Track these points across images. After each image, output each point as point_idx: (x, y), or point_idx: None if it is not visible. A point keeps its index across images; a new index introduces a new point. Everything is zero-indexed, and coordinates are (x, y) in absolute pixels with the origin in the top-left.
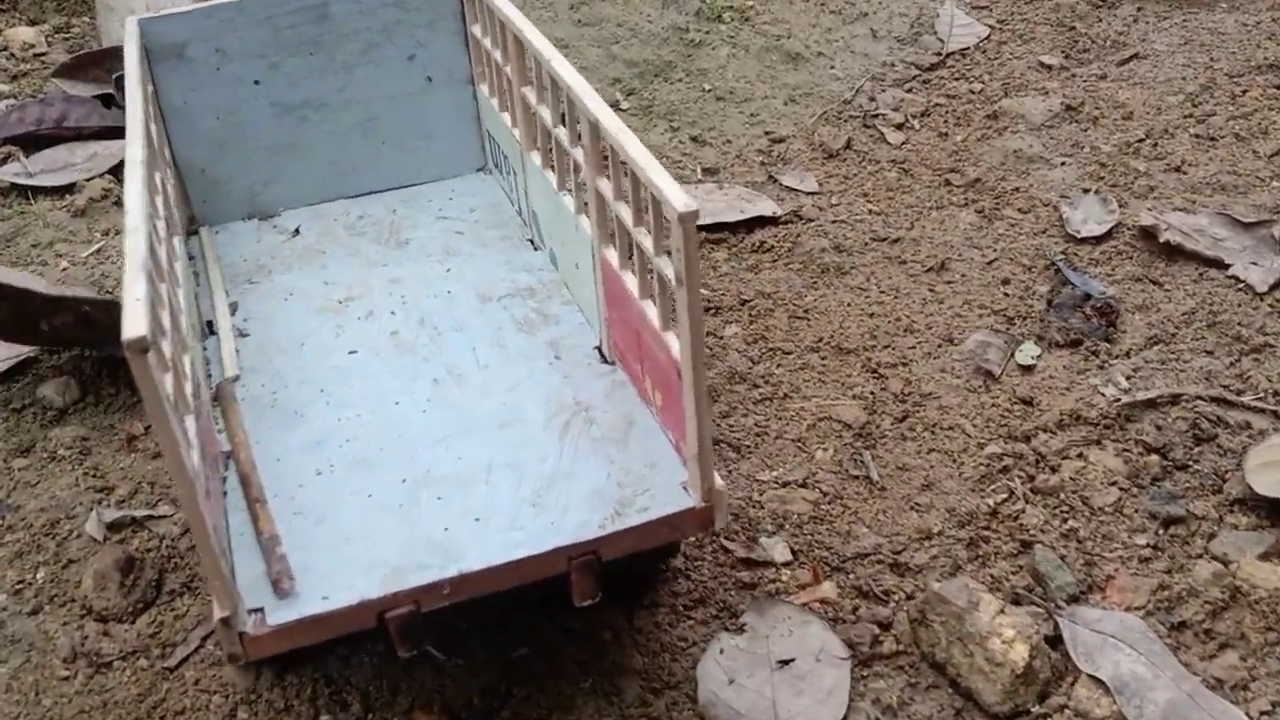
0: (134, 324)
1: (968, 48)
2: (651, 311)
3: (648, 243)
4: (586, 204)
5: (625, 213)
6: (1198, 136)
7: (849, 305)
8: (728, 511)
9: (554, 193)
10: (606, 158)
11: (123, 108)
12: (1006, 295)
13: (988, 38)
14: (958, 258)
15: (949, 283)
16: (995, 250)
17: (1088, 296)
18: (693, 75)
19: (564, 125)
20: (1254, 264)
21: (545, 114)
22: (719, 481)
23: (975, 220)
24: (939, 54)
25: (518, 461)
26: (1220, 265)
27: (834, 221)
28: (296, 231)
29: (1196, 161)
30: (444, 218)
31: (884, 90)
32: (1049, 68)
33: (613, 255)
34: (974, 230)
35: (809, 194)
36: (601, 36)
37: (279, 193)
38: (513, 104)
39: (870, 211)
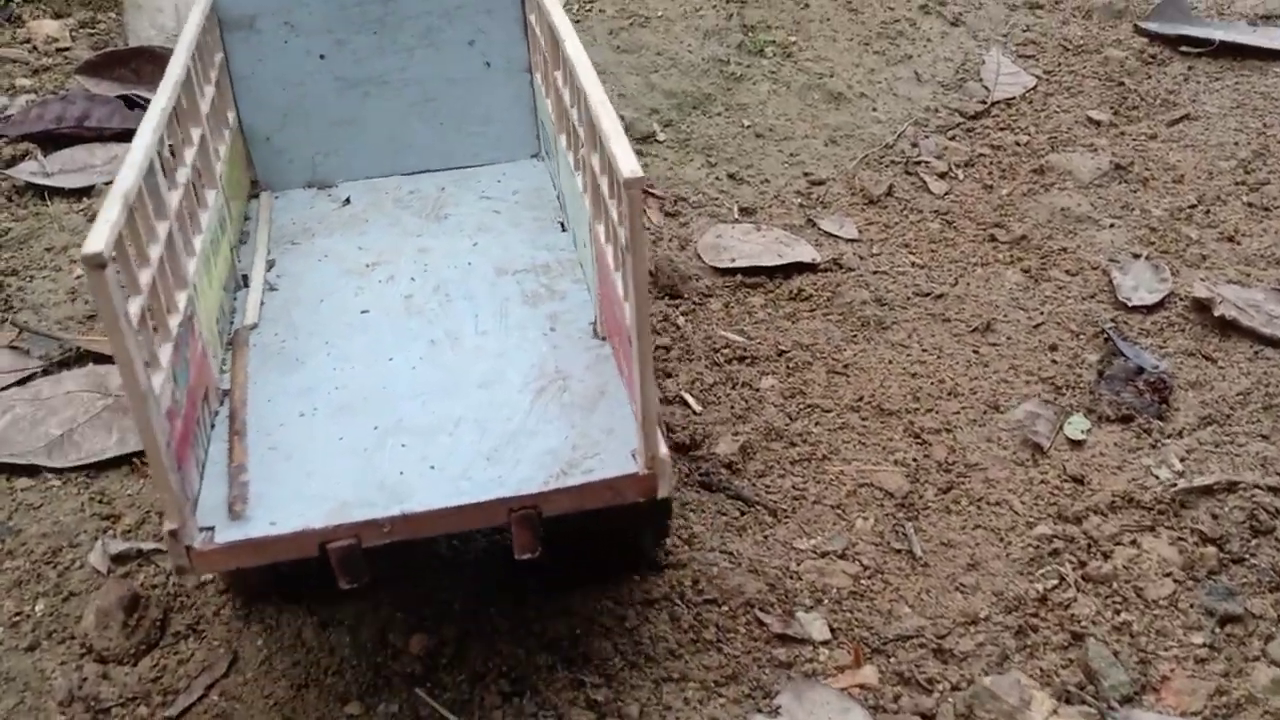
0: (94, 240)
1: (1013, 97)
2: (617, 281)
3: (615, 214)
4: (588, 181)
5: (605, 185)
6: (1251, 205)
7: (890, 363)
8: (673, 481)
9: (572, 172)
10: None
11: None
12: (1054, 362)
13: (1034, 88)
14: (1003, 319)
15: (994, 345)
16: (1042, 313)
17: (1140, 370)
18: (732, 110)
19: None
20: None
21: (565, 94)
22: (664, 451)
23: (1021, 280)
24: (984, 102)
25: (485, 419)
26: (1276, 344)
27: (875, 272)
28: (347, 201)
29: (1250, 232)
30: (486, 198)
31: (927, 136)
32: (1097, 123)
33: (601, 231)
34: (1020, 290)
35: (849, 241)
36: (640, 64)
37: (338, 164)
38: (548, 87)
39: (913, 264)
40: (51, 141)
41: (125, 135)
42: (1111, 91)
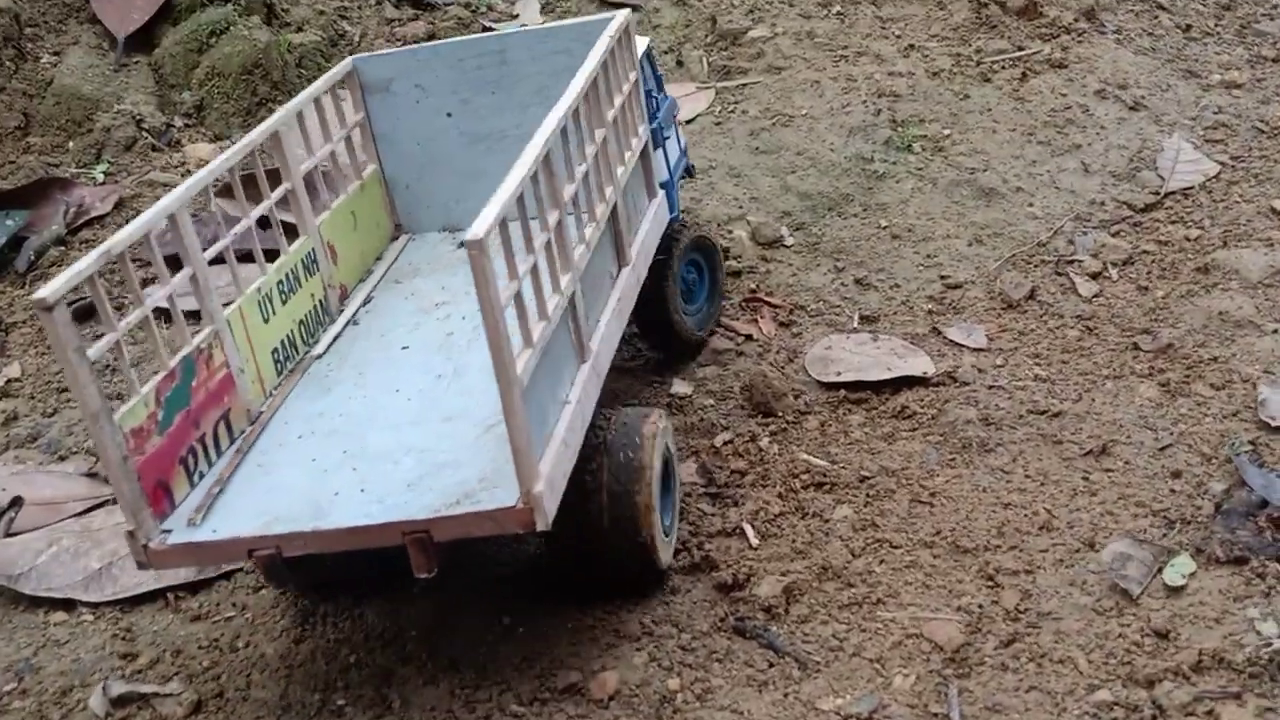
0: (48, 288)
1: (1191, 187)
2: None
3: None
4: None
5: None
6: None
7: (984, 491)
8: (550, 516)
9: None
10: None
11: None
12: (1173, 492)
13: (1216, 176)
14: (1125, 440)
15: (1108, 470)
16: (1172, 434)
17: (1265, 503)
18: (870, 210)
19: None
20: None
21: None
22: (539, 487)
23: (1156, 395)
24: (1156, 192)
25: (430, 449)
26: None
27: (991, 387)
28: (461, 245)
29: None
30: None
31: (1086, 233)
32: None
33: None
34: (1152, 407)
35: (974, 350)
36: (778, 166)
37: (468, 211)
38: None
39: (1036, 377)
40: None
41: (249, 257)
42: None
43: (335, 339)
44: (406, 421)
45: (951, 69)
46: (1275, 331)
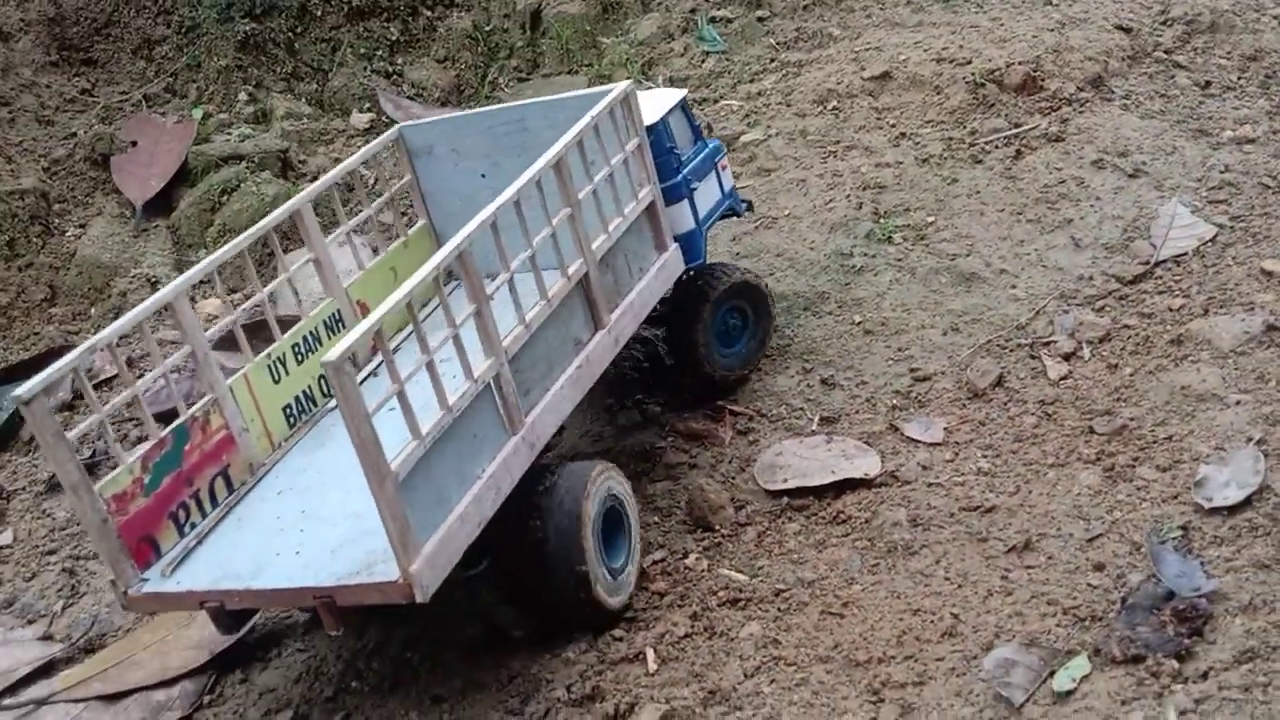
0: (26, 387)
1: (1184, 253)
2: None
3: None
4: None
5: None
6: None
7: (897, 597)
8: (429, 590)
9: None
10: None
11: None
12: (1091, 587)
13: (1213, 239)
14: (1054, 533)
15: (1029, 567)
16: (1105, 522)
17: (1170, 595)
18: (845, 306)
19: None
20: None
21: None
22: (415, 567)
23: (1097, 482)
24: (1147, 262)
25: (365, 514)
26: None
27: (931, 484)
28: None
29: None
30: None
31: (1068, 311)
32: (1270, 275)
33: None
34: (1089, 495)
35: (929, 445)
36: (757, 269)
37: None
38: None
39: (980, 470)
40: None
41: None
42: None
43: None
44: (362, 483)
45: (942, 154)
46: (1237, 403)
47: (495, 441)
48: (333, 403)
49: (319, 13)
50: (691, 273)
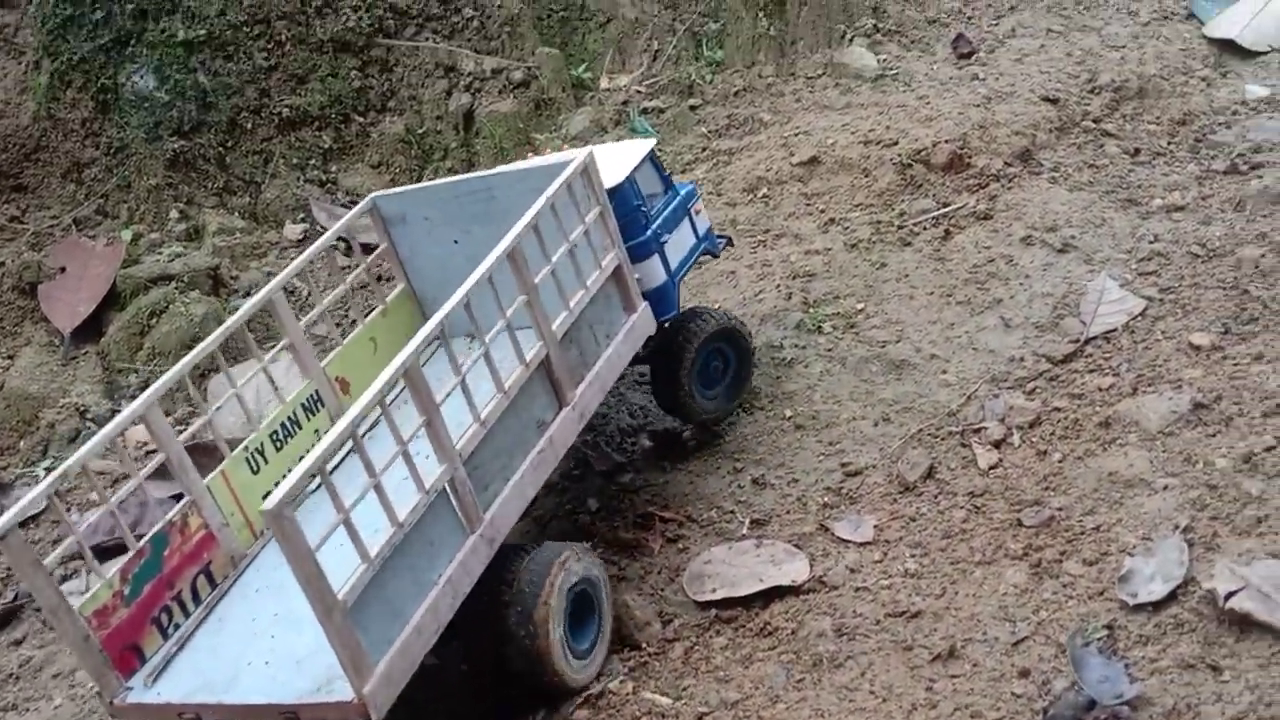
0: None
1: (1113, 329)
2: None
3: None
4: None
5: None
6: None
7: (820, 715)
8: (384, 708)
9: None
10: None
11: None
12: (1015, 695)
13: (1142, 313)
14: (980, 637)
15: (954, 676)
16: (1031, 624)
17: (1091, 704)
18: (776, 401)
19: None
20: None
21: None
22: (368, 688)
23: (1024, 580)
24: (1077, 340)
25: None
26: None
27: (858, 589)
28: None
29: None
30: None
31: (998, 395)
32: (1198, 349)
33: None
34: (1015, 595)
35: (859, 545)
36: None
37: (485, 317)
38: None
39: (907, 572)
40: (106, 553)
41: None
42: (1231, 303)
43: (334, 469)
44: None
45: (871, 238)
46: (1165, 488)
47: (453, 544)
48: (314, 484)
49: (249, 125)
50: (675, 317)
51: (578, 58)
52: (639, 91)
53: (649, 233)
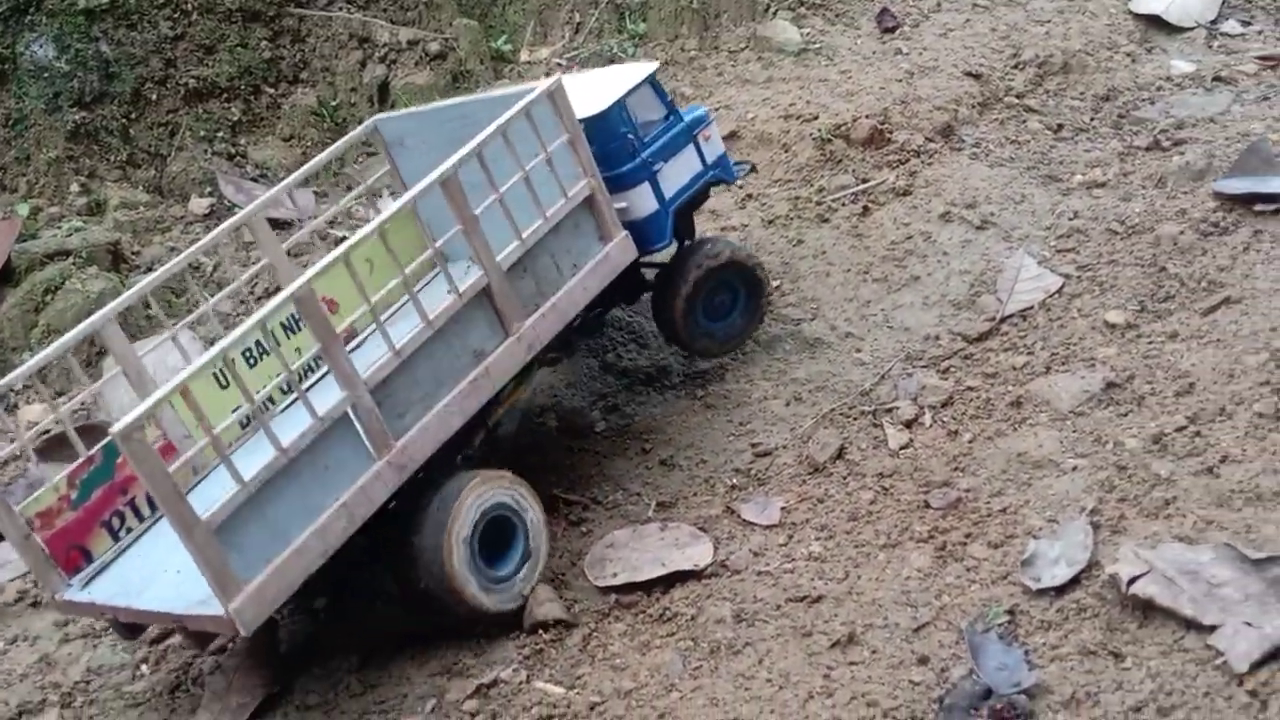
0: None
1: (1030, 307)
2: None
3: None
4: None
5: None
6: (1261, 415)
7: (716, 704)
8: (253, 624)
9: None
10: None
11: None
12: (914, 683)
13: (1059, 290)
14: (880, 623)
15: (853, 664)
16: (933, 609)
17: (987, 693)
18: (689, 380)
19: None
20: (1247, 625)
21: None
22: (237, 603)
23: (928, 563)
24: (993, 318)
25: None
26: (1200, 627)
27: (760, 573)
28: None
29: (1242, 455)
30: None
31: (911, 374)
32: (1114, 327)
33: None
34: (919, 580)
35: (764, 528)
36: (598, 345)
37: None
38: None
39: (811, 555)
40: None
41: None
42: (1149, 280)
43: (311, 388)
44: None
45: (789, 214)
46: (1074, 469)
47: (354, 470)
48: (289, 400)
49: (154, 96)
50: (687, 244)
51: (498, 30)
52: (560, 64)
53: (638, 160)
